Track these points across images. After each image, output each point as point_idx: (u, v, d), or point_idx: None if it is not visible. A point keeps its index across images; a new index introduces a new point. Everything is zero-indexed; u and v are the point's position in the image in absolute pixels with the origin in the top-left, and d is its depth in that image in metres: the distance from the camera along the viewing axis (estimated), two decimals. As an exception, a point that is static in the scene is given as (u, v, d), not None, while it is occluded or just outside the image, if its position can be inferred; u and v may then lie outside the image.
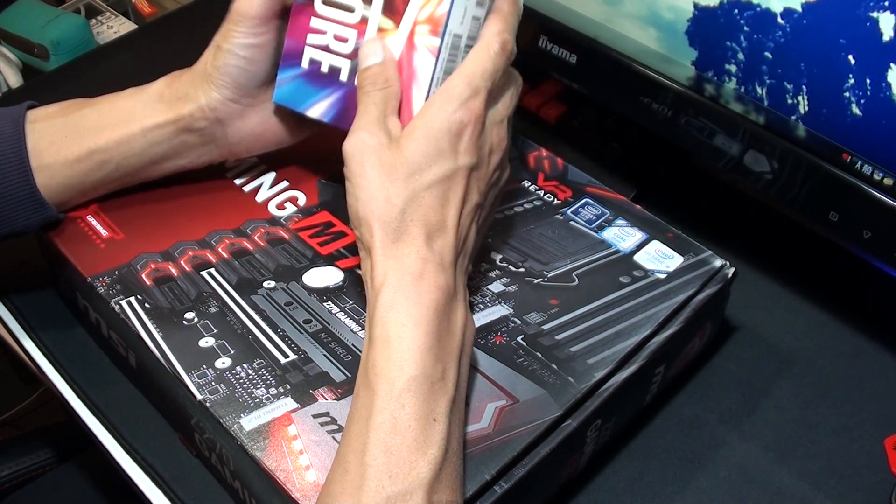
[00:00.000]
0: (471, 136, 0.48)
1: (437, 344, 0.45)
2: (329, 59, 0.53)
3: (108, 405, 0.57)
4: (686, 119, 0.61)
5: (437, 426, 0.44)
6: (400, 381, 0.43)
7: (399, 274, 0.46)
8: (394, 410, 0.43)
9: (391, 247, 0.46)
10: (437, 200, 0.47)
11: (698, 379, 0.61)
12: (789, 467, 0.56)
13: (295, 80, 0.54)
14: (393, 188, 0.46)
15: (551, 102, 0.76)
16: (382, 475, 0.42)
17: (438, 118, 0.48)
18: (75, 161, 0.55)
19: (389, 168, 0.47)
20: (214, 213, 0.60)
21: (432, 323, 0.45)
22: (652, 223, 0.60)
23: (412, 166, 0.47)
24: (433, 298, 0.46)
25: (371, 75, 0.50)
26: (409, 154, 0.47)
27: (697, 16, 0.58)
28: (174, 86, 0.56)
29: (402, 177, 0.47)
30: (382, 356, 0.44)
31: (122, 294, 0.55)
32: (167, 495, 0.53)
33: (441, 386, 0.45)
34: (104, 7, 0.94)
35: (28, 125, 0.55)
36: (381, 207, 0.46)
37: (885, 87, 0.50)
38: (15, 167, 0.54)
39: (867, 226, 0.55)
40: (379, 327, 0.45)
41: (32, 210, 0.55)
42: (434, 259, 0.47)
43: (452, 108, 0.48)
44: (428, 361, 0.44)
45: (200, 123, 0.55)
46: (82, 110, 0.56)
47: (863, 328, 0.63)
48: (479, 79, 0.49)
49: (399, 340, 0.44)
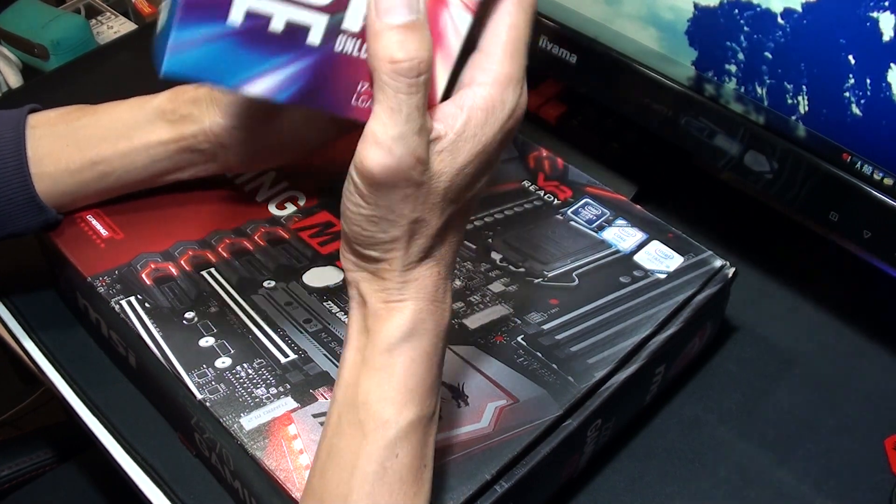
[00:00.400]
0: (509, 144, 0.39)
1: (438, 375, 0.41)
2: (286, 11, 0.36)
3: (108, 405, 0.57)
4: (686, 119, 0.61)
5: (426, 472, 0.40)
6: (397, 427, 0.38)
7: (419, 303, 0.39)
8: (385, 460, 0.38)
9: (413, 270, 0.39)
10: (463, 218, 0.40)
11: (698, 379, 0.61)
12: (789, 467, 0.56)
13: (214, 41, 0.36)
14: (429, 223, 0.38)
15: (551, 102, 0.76)
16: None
17: (492, 129, 0.37)
18: (76, 171, 0.55)
19: (428, 197, 0.37)
20: (214, 212, 0.60)
21: (440, 354, 0.40)
22: (652, 223, 0.60)
23: (455, 191, 0.38)
24: (445, 325, 0.40)
25: (408, 48, 0.35)
26: (454, 179, 0.37)
27: (697, 16, 0.58)
28: (177, 102, 0.54)
29: (441, 205, 0.38)
30: (379, 392, 0.39)
31: (122, 294, 0.55)
32: (167, 495, 0.53)
33: (431, 423, 0.40)
34: (104, 7, 0.94)
35: (29, 130, 0.54)
36: (412, 239, 0.38)
37: (885, 87, 0.50)
38: (14, 172, 0.54)
39: (867, 226, 0.55)
40: (383, 357, 0.39)
41: (32, 213, 0.55)
42: (448, 276, 0.41)
43: (507, 114, 0.37)
44: (427, 401, 0.40)
45: (203, 145, 0.55)
46: (82, 119, 0.56)
47: (863, 328, 0.63)
48: (525, 53, 0.37)
49: (405, 378, 0.39)
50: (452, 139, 0.37)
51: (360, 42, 0.38)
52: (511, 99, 0.37)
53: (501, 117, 0.37)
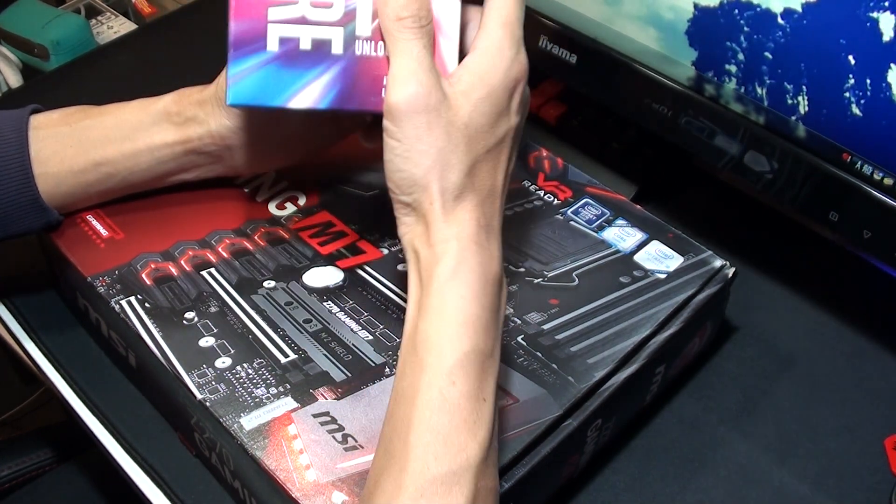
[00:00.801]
0: (521, 94, 0.45)
1: (491, 318, 0.43)
2: (310, 31, 0.43)
3: (108, 405, 0.57)
4: (686, 119, 0.61)
5: (486, 406, 0.41)
6: (453, 356, 0.41)
7: (462, 242, 0.42)
8: (443, 387, 0.40)
9: (452, 212, 0.43)
10: (492, 165, 0.44)
11: (698, 379, 0.61)
12: (789, 467, 0.56)
13: (260, 69, 0.44)
14: (456, 153, 0.43)
15: (551, 102, 0.76)
16: (428, 455, 0.39)
17: (497, 75, 0.43)
18: (80, 172, 0.55)
19: (450, 129, 0.42)
20: (214, 212, 0.60)
21: (490, 296, 0.43)
22: (652, 223, 0.60)
23: (475, 128, 0.43)
24: (492, 270, 0.43)
25: (411, 6, 0.43)
26: (471, 116, 0.43)
27: (697, 16, 0.58)
28: (183, 104, 0.55)
29: (465, 139, 0.43)
30: (435, 328, 0.42)
31: (122, 294, 0.55)
32: (167, 495, 0.53)
33: (491, 363, 0.42)
34: (104, 7, 0.94)
35: (31, 131, 0.54)
36: (444, 172, 0.42)
37: (885, 87, 0.50)
38: (17, 173, 0.54)
39: (867, 226, 0.55)
40: (436, 297, 0.42)
41: (34, 215, 0.55)
42: (490, 225, 0.44)
43: (507, 64, 0.44)
44: (481, 336, 0.42)
45: (209, 147, 0.55)
46: (86, 121, 0.55)
47: (863, 328, 0.63)
48: (518, 27, 0.44)
49: (456, 312, 0.41)
50: (462, 75, 0.43)
51: (374, 43, 0.44)
52: (507, 55, 0.44)
53: (501, 67, 0.44)
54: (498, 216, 0.45)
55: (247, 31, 0.43)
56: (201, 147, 0.55)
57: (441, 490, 0.39)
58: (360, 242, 0.58)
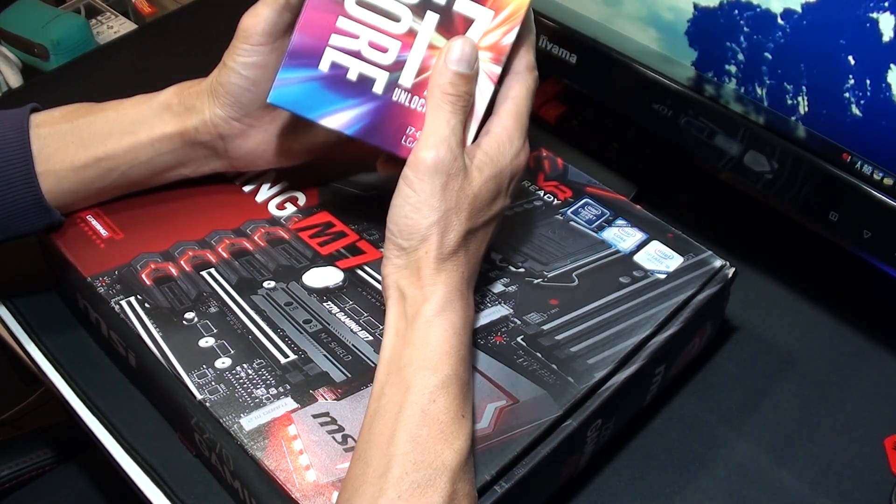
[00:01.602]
0: (518, 181, 0.51)
1: (468, 354, 0.48)
2: (360, 66, 0.48)
3: (108, 405, 0.57)
4: (686, 119, 0.61)
5: (465, 422, 0.45)
6: (436, 378, 0.45)
7: (448, 287, 0.47)
8: (424, 405, 0.44)
9: (443, 264, 0.48)
10: (483, 235, 0.50)
11: (698, 379, 0.61)
12: (789, 467, 0.56)
13: (306, 82, 0.48)
14: (458, 218, 0.48)
15: (551, 102, 0.76)
16: (407, 463, 0.42)
17: (506, 159, 0.49)
18: (81, 168, 0.55)
19: (461, 196, 0.48)
20: (214, 213, 0.60)
21: (468, 335, 0.48)
22: (652, 223, 0.60)
23: (480, 202, 0.48)
24: (470, 316, 0.49)
25: (460, 87, 0.48)
26: (480, 190, 0.48)
27: (697, 16, 0.58)
28: (183, 95, 0.55)
29: (469, 209, 0.48)
30: (420, 355, 0.45)
31: (122, 294, 0.55)
32: (167, 495, 0.53)
33: (468, 390, 0.47)
34: (104, 7, 0.94)
35: (32, 130, 0.54)
36: (446, 229, 0.47)
37: (885, 87, 0.50)
38: (20, 172, 0.54)
39: (867, 226, 0.55)
40: (422, 329, 0.46)
41: (37, 215, 0.55)
42: (471, 282, 0.50)
43: (515, 153, 0.50)
44: (461, 366, 0.46)
45: (204, 137, 0.55)
46: (88, 117, 0.56)
47: (863, 328, 0.64)
48: (526, 118, 0.50)
49: (440, 343, 0.46)
50: (479, 156, 0.49)
51: (411, 95, 0.50)
52: (516, 144, 0.50)
53: (510, 153, 0.50)
54: (475, 270, 0.50)
55: (307, 45, 0.48)
56: (197, 137, 0.55)
57: (418, 492, 0.42)
58: (360, 243, 0.58)
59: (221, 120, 0.54)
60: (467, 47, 0.49)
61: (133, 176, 0.57)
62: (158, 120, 0.55)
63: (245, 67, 0.52)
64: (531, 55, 0.51)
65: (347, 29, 0.48)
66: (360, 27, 0.48)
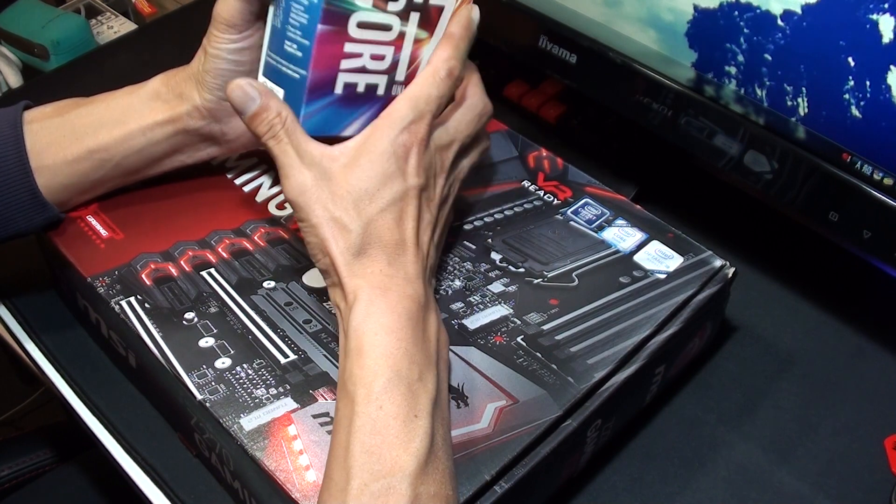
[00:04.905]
0: (417, 159, 0.49)
1: (413, 348, 0.46)
2: (366, 78, 0.51)
3: (108, 405, 0.57)
4: (686, 119, 0.61)
5: (419, 421, 0.44)
6: (377, 385, 0.44)
7: (367, 289, 0.47)
8: (372, 413, 0.43)
9: (354, 267, 0.48)
10: (392, 221, 0.48)
11: (698, 379, 0.61)
12: (789, 467, 0.56)
13: (327, 108, 0.51)
14: (347, 216, 0.48)
15: (551, 102, 0.76)
16: (365, 474, 0.42)
17: (382, 142, 0.49)
18: (75, 160, 0.55)
19: (335, 198, 0.48)
20: (214, 213, 0.60)
21: (405, 329, 0.46)
22: (652, 223, 0.60)
23: (360, 193, 0.48)
24: (404, 307, 0.47)
25: (267, 122, 0.49)
26: (354, 181, 0.48)
27: (697, 17, 0.58)
28: (170, 84, 0.56)
29: (352, 204, 0.48)
30: (357, 365, 0.45)
31: (122, 294, 0.55)
32: (167, 495, 0.53)
33: (420, 386, 0.45)
34: (104, 7, 0.94)
35: (25, 126, 0.55)
36: (340, 235, 0.48)
37: (884, 89, 0.50)
38: (16, 169, 0.54)
39: (867, 226, 0.55)
40: (353, 340, 0.46)
41: (34, 211, 0.55)
42: (399, 274, 0.48)
43: (395, 132, 0.49)
44: (403, 364, 0.45)
45: (197, 122, 0.55)
46: (79, 109, 0.56)
47: (863, 328, 0.64)
48: (423, 103, 0.50)
49: (372, 348, 0.45)
50: (342, 151, 0.49)
51: (403, 87, 0.52)
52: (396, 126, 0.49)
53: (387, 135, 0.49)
54: (415, 265, 0.49)
55: (322, 78, 0.50)
56: (189, 122, 0.55)
57: (379, 502, 0.42)
58: (360, 243, 0.58)
59: (212, 103, 0.55)
60: (236, 95, 0.50)
61: (128, 166, 0.57)
62: (148, 109, 0.55)
63: (229, 52, 0.53)
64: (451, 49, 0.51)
65: (353, 51, 0.50)
66: (363, 45, 0.50)
